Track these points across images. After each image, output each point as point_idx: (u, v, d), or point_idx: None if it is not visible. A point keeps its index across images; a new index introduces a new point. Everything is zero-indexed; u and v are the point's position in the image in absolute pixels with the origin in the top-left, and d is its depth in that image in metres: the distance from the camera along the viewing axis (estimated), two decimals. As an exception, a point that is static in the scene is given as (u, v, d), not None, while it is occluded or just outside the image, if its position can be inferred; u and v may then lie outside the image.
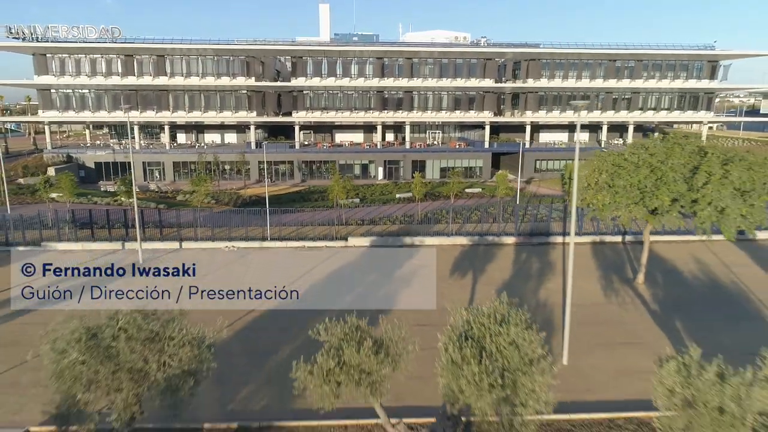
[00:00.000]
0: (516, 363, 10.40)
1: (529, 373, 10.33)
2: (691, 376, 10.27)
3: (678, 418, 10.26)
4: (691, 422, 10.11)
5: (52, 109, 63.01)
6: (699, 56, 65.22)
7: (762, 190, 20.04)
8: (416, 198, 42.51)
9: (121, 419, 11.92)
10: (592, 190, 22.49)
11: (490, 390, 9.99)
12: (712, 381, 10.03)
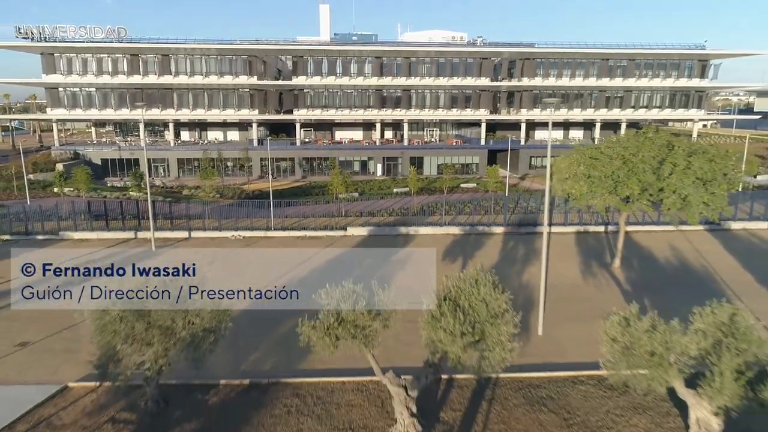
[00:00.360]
0: (484, 316, 12.60)
1: (495, 324, 12.53)
2: (629, 327, 12.47)
3: (619, 360, 12.48)
4: (629, 363, 12.33)
5: (59, 107, 65.20)
6: (690, 55, 67.31)
7: (722, 180, 22.20)
8: (412, 192, 44.68)
9: (152, 369, 14.15)
10: (570, 181, 24.65)
11: (462, 336, 12.18)
12: (645, 330, 12.24)
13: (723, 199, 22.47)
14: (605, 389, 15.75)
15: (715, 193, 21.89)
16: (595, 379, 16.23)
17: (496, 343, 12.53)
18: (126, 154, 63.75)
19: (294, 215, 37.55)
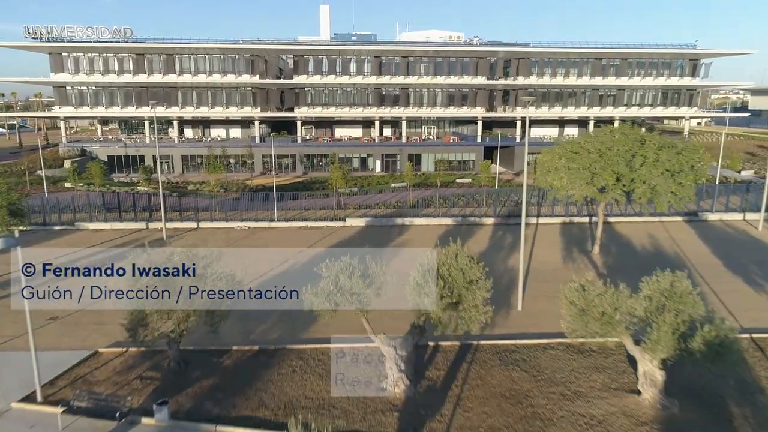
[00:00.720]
0: (461, 282, 14.85)
1: (470, 290, 14.78)
2: (585, 291, 14.74)
3: (576, 320, 14.75)
4: (584, 322, 14.60)
5: (67, 105, 67.46)
6: (681, 55, 69.45)
7: (690, 172, 24.42)
8: (408, 186, 46.92)
9: (176, 331, 16.42)
10: (552, 174, 26.89)
11: (442, 299, 14.43)
12: (597, 294, 14.50)
13: (690, 189, 24.71)
14: (572, 353, 18.01)
15: (682, 184, 24.12)
16: (564, 345, 18.48)
17: (472, 306, 14.78)
18: (131, 151, 65.88)
19: (295, 208, 39.79)
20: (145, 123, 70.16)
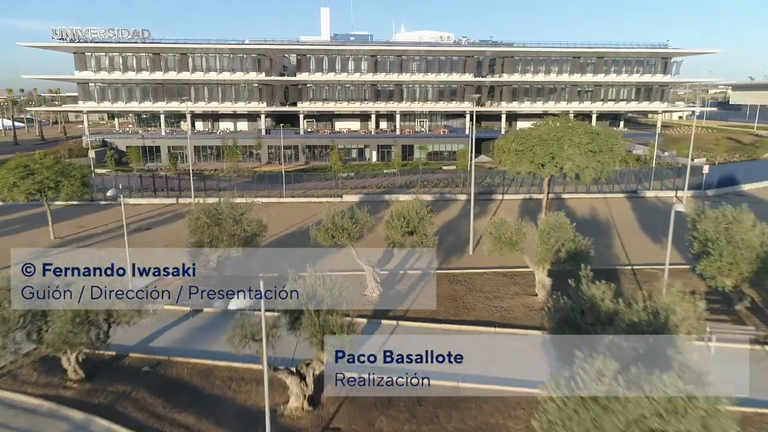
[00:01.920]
0: (415, 220, 22.80)
1: (421, 224, 22.74)
2: (501, 226, 22.68)
3: (494, 245, 22.70)
4: (499, 246, 22.54)
5: (90, 100, 75.39)
6: (653, 54, 77.13)
7: (608, 152, 32.25)
8: (397, 171, 54.82)
9: (223, 256, 24.35)
10: (505, 154, 34.76)
11: (401, 229, 22.40)
12: (513, 229, 22.44)
13: (609, 166, 32.58)
14: (500, 277, 25.97)
15: (601, 161, 31.97)
16: (495, 273, 26.41)
17: (423, 235, 22.74)
18: (148, 143, 73.80)
19: (300, 188, 47.74)
20: (160, 116, 78.04)
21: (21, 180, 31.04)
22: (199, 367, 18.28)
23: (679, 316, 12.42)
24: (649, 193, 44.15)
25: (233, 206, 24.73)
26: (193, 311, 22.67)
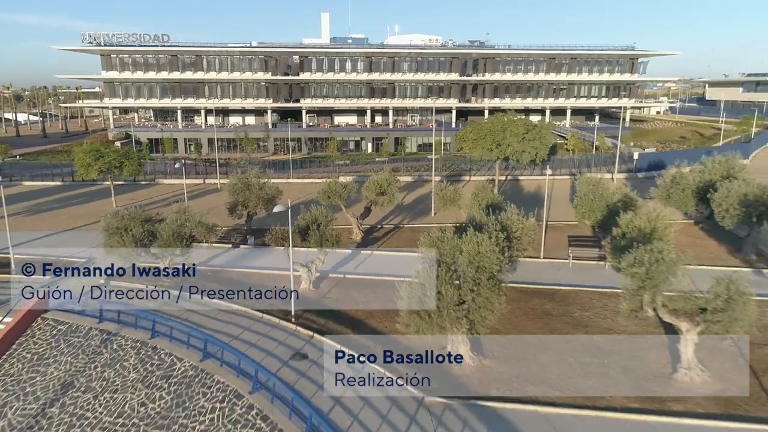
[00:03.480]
0: (386, 184, 34.10)
1: (390, 186, 34.04)
2: (444, 189, 33.99)
3: (439, 203, 34.01)
4: (443, 203, 33.84)
5: (115, 97, 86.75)
6: (622, 55, 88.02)
7: (540, 140, 43.35)
8: (387, 159, 66.00)
9: (251, 213, 35.68)
10: (465, 142, 45.93)
11: (374, 191, 33.70)
12: (452, 191, 33.78)
13: (542, 151, 43.72)
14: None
15: (535, 147, 43.09)
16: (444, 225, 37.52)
17: (390, 194, 34.00)
18: (166, 135, 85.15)
19: (304, 173, 58.94)
20: (177, 112, 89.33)
21: (95, 161, 42.37)
22: (242, 273, 29.47)
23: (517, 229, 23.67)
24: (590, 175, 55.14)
25: (258, 176, 35.98)
26: (233, 246, 33.91)
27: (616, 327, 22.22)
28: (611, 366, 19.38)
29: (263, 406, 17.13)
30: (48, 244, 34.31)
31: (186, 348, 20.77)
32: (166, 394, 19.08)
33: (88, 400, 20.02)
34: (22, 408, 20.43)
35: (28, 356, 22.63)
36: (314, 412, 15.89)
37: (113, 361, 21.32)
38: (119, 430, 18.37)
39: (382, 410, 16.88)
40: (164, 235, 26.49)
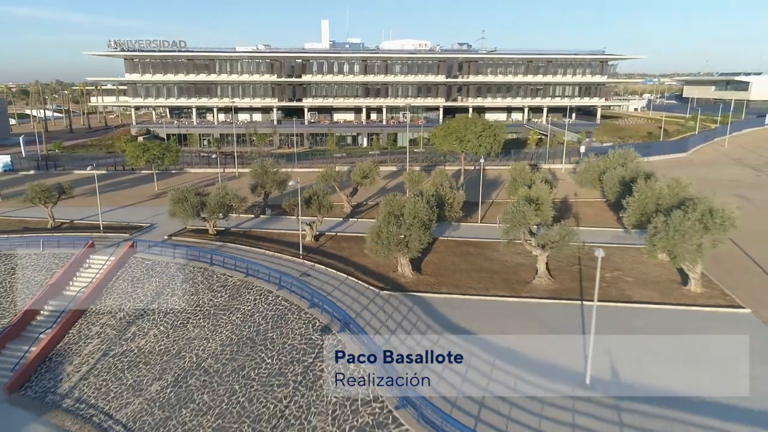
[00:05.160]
0: (366, 170, 47.44)
1: (371, 172, 47.35)
2: (413, 174, 47.41)
3: (410, 186, 47.46)
4: (413, 186, 47.29)
5: (137, 96, 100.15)
6: (593, 59, 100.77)
7: (493, 137, 56.40)
8: (378, 151, 79.20)
9: (268, 193, 49.08)
10: (436, 138, 59.08)
11: (360, 175, 47.03)
12: (418, 174, 47.19)
13: (497, 146, 56.85)
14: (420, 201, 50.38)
15: (490, 143, 56.12)
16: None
17: (373, 177, 47.31)
18: (183, 131, 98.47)
19: (307, 164, 72.20)
20: (192, 110, 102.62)
21: (142, 153, 55.74)
22: (264, 232, 42.76)
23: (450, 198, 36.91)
24: (545, 165, 68.36)
25: (273, 165, 49.25)
26: (255, 216, 47.19)
27: (509, 260, 35.37)
28: (497, 278, 32.59)
29: (285, 296, 30.37)
30: (117, 215, 47.72)
31: (234, 270, 34.08)
32: (225, 293, 32.43)
33: (174, 300, 33.41)
34: (133, 306, 33.86)
35: (129, 279, 36.05)
36: (315, 293, 29.14)
37: (187, 279, 34.69)
38: (199, 313, 31.72)
39: (356, 295, 30.12)
40: (212, 203, 39.84)
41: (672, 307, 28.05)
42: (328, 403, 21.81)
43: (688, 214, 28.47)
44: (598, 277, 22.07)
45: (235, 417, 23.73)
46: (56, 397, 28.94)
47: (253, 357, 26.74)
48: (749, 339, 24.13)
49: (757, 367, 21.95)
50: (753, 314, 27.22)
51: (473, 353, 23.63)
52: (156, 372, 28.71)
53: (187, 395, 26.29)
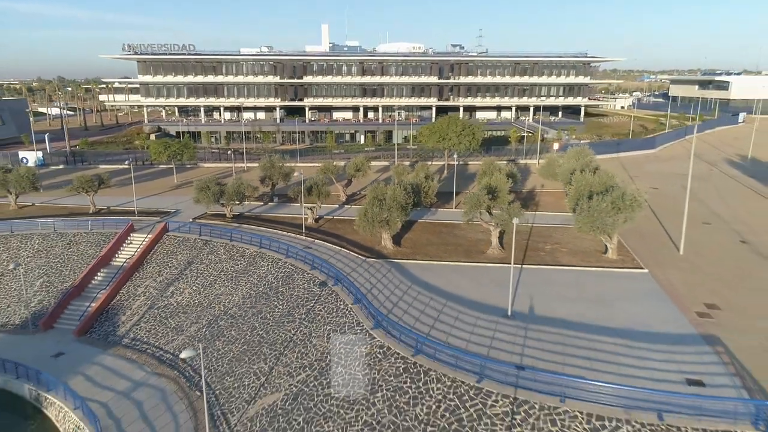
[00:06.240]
0: (360, 164, 56.74)
1: (363, 166, 56.63)
2: (399, 167, 56.77)
3: (397, 177, 56.82)
4: (400, 175, 56.68)
5: (149, 96, 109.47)
6: (576, 61, 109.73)
7: (472, 135, 65.48)
8: (373, 148, 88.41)
9: (275, 184, 58.43)
10: (423, 136, 68.29)
11: (354, 168, 56.34)
12: (404, 167, 56.57)
13: (475, 144, 66.01)
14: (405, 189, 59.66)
15: (469, 140, 65.21)
16: (403, 193, 60.10)
17: (365, 170, 56.58)
18: (192, 128, 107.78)
19: (308, 159, 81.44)
20: (200, 109, 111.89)
21: (164, 149, 65.07)
22: (272, 216, 52.02)
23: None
24: (522, 160, 77.46)
25: (279, 160, 58.48)
26: (264, 203, 56.44)
27: (472, 236, 44.55)
28: (460, 249, 41.79)
29: (291, 262, 39.59)
30: (145, 202, 57.03)
31: (249, 244, 43.31)
32: (243, 262, 41.71)
33: (202, 267, 42.70)
34: (169, 272, 43.18)
35: (165, 252, 45.36)
36: (315, 259, 38.36)
37: (211, 251, 43.97)
38: (223, 276, 40.99)
39: (348, 261, 39.34)
40: (230, 191, 49.14)
41: (588, 268, 37.30)
42: (324, 330, 31.07)
43: (604, 198, 37.64)
44: (514, 241, 31.33)
45: (256, 343, 33.01)
46: (116, 338, 38.27)
47: (267, 304, 36.03)
48: (634, 287, 33.47)
49: (629, 305, 31.25)
50: (649, 273, 36.43)
51: (432, 298, 32.90)
52: (193, 318, 38.03)
53: (219, 332, 35.57)
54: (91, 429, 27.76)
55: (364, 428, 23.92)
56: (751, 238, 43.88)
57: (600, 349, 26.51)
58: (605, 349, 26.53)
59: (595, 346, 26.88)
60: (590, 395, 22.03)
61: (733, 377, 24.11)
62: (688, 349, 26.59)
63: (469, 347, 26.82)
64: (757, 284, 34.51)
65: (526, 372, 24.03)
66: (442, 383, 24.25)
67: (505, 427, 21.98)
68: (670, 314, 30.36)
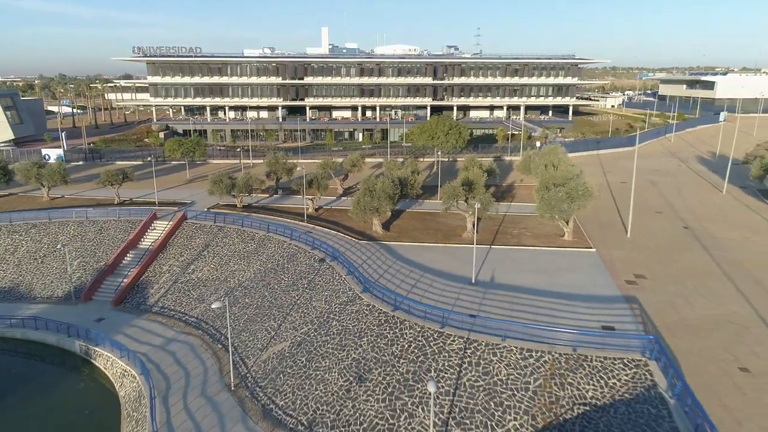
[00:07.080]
0: (355, 161, 64.34)
1: (358, 162, 64.23)
2: (391, 162, 64.47)
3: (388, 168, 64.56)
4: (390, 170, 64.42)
5: (158, 96, 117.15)
6: (564, 63, 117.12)
7: (459, 135, 72.94)
8: (369, 145, 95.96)
9: (279, 178, 66.15)
10: (413, 135, 75.85)
11: (350, 164, 63.97)
12: (395, 162, 64.26)
13: (461, 142, 73.51)
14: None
15: (455, 139, 72.68)
16: (395, 186, 67.71)
17: (360, 165, 64.17)
18: (198, 127, 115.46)
19: (309, 156, 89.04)
20: (206, 108, 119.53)
21: (178, 147, 72.71)
22: (277, 206, 59.65)
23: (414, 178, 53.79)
24: (507, 157, 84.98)
25: (283, 156, 66.12)
26: (270, 195, 64.06)
27: (452, 223, 52.08)
28: (439, 234, 49.32)
29: (295, 244, 47.17)
30: (163, 195, 64.66)
31: (258, 229, 50.91)
32: (254, 244, 49.34)
33: (218, 249, 50.35)
34: (189, 253, 50.82)
35: (185, 236, 53.02)
36: (315, 240, 45.96)
37: (225, 236, 51.61)
38: (236, 256, 48.62)
39: (343, 242, 46.93)
40: (240, 184, 56.78)
41: (546, 248, 44.89)
42: (323, 295, 38.69)
43: (561, 189, 45.19)
44: (476, 222, 38.87)
45: (266, 307, 40.65)
46: (147, 306, 45.97)
47: (275, 277, 43.67)
48: (580, 261, 41.14)
49: (572, 275, 38.87)
50: (596, 252, 44.00)
51: (412, 270, 40.50)
52: (212, 290, 45.71)
53: (234, 300, 43.21)
54: (136, 371, 35.43)
55: (352, 363, 31.56)
56: (694, 225, 51.42)
57: (540, 306, 34.10)
58: (544, 306, 34.12)
59: (537, 303, 34.48)
60: (524, 335, 29.63)
61: (639, 324, 31.73)
62: (610, 306, 34.20)
63: (438, 305, 34.44)
64: (684, 261, 42.07)
65: (477, 319, 31.68)
66: (413, 329, 31.87)
67: (459, 358, 29.59)
68: (603, 281, 37.97)
